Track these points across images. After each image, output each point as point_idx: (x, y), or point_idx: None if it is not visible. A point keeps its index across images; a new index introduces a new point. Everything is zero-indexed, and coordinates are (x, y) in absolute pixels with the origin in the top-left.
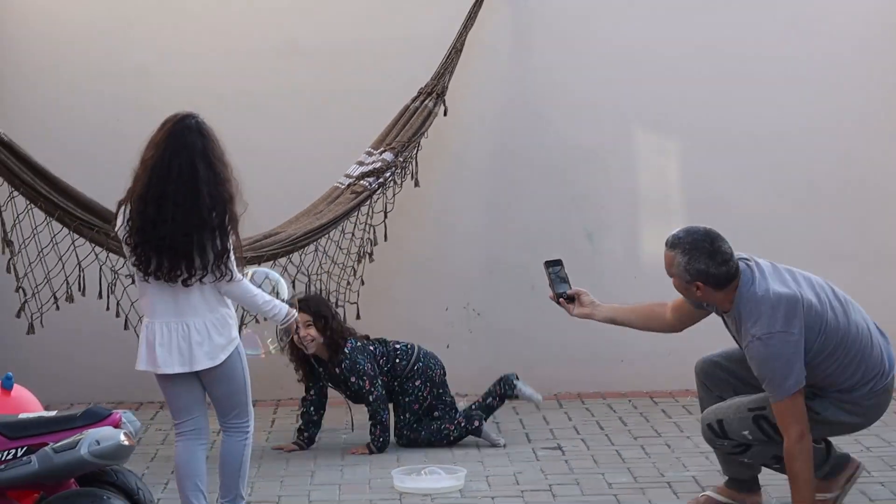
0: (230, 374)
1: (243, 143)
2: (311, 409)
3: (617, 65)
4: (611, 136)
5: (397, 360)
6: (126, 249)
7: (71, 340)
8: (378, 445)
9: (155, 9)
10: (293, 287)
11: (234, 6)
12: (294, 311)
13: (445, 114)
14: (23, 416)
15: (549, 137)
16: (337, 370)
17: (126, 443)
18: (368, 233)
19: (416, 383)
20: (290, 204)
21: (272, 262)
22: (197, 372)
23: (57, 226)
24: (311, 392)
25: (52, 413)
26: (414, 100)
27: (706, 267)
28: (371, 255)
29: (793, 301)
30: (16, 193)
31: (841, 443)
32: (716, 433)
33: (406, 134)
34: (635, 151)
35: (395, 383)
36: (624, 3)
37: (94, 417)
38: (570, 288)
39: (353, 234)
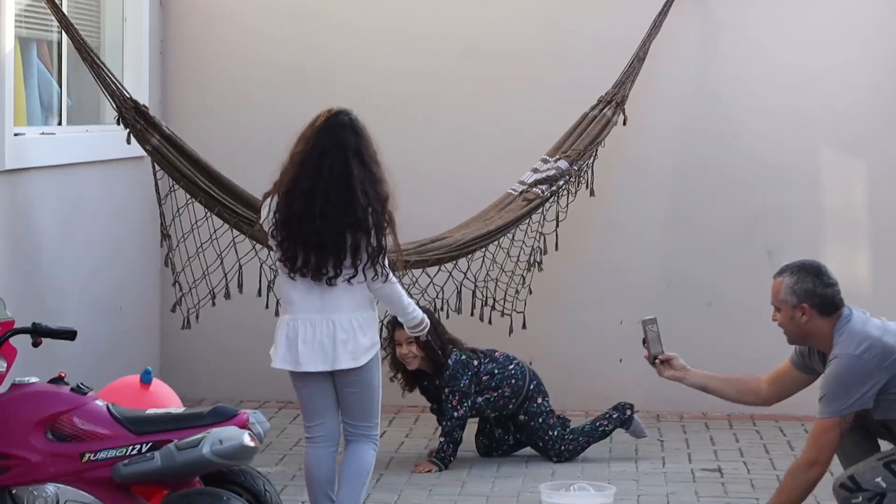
0: (368, 379)
1: (420, 146)
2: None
3: (809, 76)
4: (798, 152)
5: (514, 381)
6: (272, 242)
7: (226, 337)
8: (445, 461)
9: (342, 9)
10: (458, 296)
11: (419, 10)
12: (427, 322)
13: (625, 123)
14: (150, 411)
15: (734, 150)
16: (437, 382)
17: (250, 444)
18: (539, 241)
19: (539, 401)
20: (463, 209)
21: (438, 266)
22: (333, 373)
23: (217, 221)
24: (434, 406)
25: (180, 410)
26: (593, 108)
27: (813, 286)
28: (540, 263)
29: (885, 347)
30: (176, 187)
31: None
32: (849, 489)
33: (582, 142)
34: (822, 169)
35: (521, 411)
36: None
37: (221, 416)
38: (663, 350)
39: (523, 242)
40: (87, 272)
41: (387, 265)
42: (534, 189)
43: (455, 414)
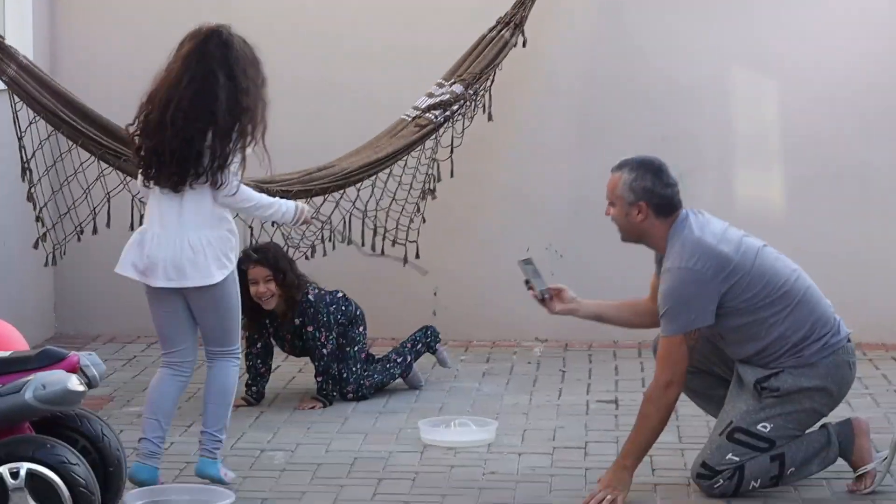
0: (225, 297)
1: (311, 71)
2: (259, 362)
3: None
4: (708, 74)
5: (343, 307)
6: (134, 157)
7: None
8: (328, 397)
9: None
10: (344, 226)
11: None
12: (302, 205)
13: (525, 45)
14: None
15: (642, 72)
16: (297, 321)
17: (76, 388)
18: (433, 168)
19: (360, 329)
20: (357, 139)
21: (323, 196)
22: (185, 295)
23: (84, 154)
24: (259, 345)
25: (6, 353)
26: (491, 29)
27: (652, 185)
28: (434, 191)
29: (719, 257)
30: (37, 118)
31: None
32: (705, 476)
33: (479, 65)
34: (732, 91)
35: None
36: None
37: (49, 359)
38: (546, 285)
39: (416, 170)
40: None
41: (231, 175)
42: (427, 114)
43: (325, 350)
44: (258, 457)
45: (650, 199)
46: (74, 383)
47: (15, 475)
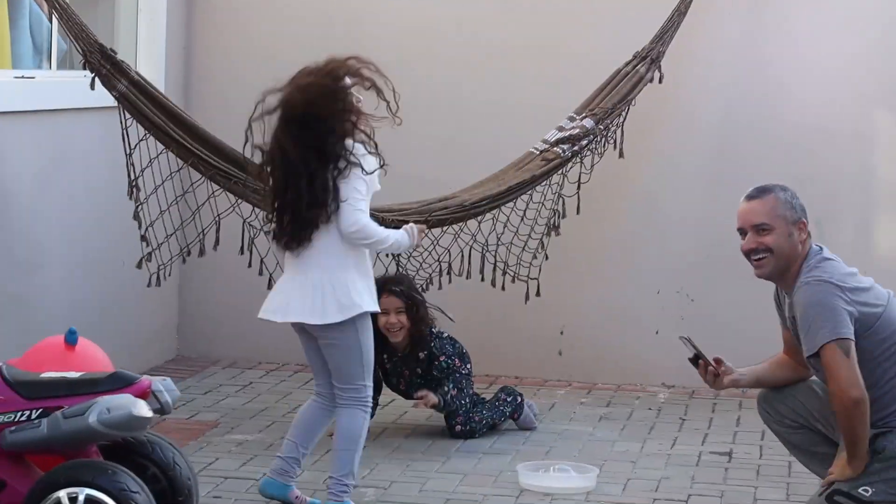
0: (343, 339)
1: (444, 102)
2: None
3: (865, 33)
4: (851, 116)
5: (456, 342)
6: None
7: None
8: (445, 403)
9: None
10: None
11: None
12: (409, 225)
13: (661, 81)
14: (45, 374)
15: (781, 112)
16: (421, 355)
17: (143, 414)
18: (557, 204)
19: (469, 366)
20: (483, 170)
21: (441, 228)
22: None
23: (194, 175)
24: (398, 382)
25: (77, 374)
26: (627, 64)
27: (803, 203)
28: (558, 228)
29: (853, 277)
30: (147, 136)
31: None
32: None
33: (611, 100)
34: (876, 134)
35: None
36: None
37: (119, 382)
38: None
39: (541, 205)
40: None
41: (343, 201)
42: (555, 148)
43: (464, 371)
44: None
45: (806, 216)
46: (141, 408)
47: (73, 500)
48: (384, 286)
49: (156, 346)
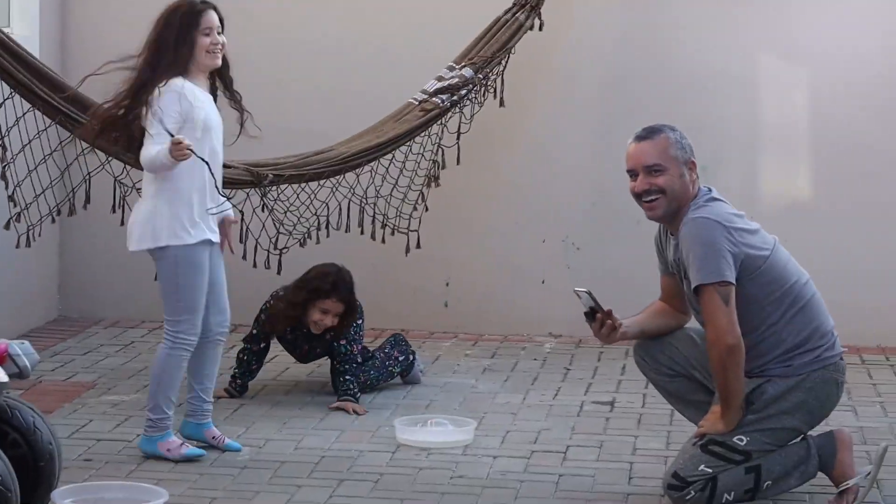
0: (160, 270)
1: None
2: (253, 359)
3: None
4: (735, 63)
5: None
6: None
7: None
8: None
9: None
10: (341, 211)
11: None
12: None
13: (541, 28)
14: None
15: (667, 58)
16: (328, 336)
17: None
18: (437, 154)
19: (359, 322)
20: (364, 124)
21: (318, 181)
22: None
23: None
24: (262, 345)
25: None
26: (506, 12)
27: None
28: (437, 179)
29: (741, 218)
30: (12, 94)
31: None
32: (677, 487)
33: (490, 48)
34: (760, 81)
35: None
36: None
37: None
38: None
39: (420, 156)
40: None
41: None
42: (433, 98)
43: (359, 359)
44: (223, 452)
45: (695, 157)
46: None
47: None
48: (334, 288)
49: (37, 307)
